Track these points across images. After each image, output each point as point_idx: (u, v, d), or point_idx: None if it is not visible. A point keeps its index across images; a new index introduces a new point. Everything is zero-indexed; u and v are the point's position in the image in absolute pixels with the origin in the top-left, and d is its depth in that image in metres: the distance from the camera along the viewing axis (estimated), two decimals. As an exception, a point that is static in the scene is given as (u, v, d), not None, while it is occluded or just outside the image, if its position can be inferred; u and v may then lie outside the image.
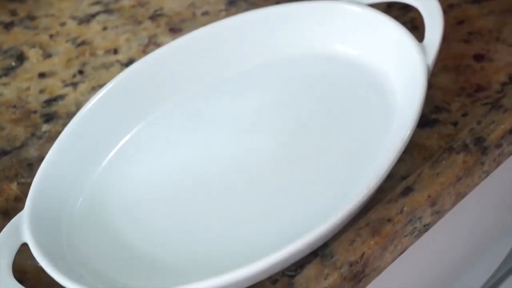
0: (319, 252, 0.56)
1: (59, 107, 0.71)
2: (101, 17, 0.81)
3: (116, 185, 0.64)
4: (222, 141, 0.65)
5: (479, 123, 0.62)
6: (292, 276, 0.55)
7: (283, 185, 0.61)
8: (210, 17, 0.78)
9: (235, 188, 0.61)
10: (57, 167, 0.61)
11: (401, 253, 0.59)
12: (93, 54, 0.76)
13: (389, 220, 0.57)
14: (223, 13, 0.78)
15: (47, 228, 0.58)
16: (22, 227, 0.56)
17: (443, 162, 0.60)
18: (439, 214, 0.61)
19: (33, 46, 0.79)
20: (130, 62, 0.73)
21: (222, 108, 0.68)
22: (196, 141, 0.66)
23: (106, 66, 0.75)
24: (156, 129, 0.67)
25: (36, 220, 0.57)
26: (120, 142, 0.66)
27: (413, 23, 0.71)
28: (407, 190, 0.59)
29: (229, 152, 0.64)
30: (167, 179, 0.63)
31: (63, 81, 0.74)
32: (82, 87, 0.73)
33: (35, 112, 0.71)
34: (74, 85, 0.73)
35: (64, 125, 0.63)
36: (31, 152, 0.68)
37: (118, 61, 0.75)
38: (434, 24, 0.63)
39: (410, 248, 0.60)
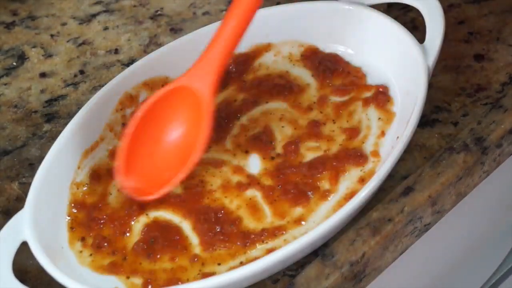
0: (320, 252, 0.56)
1: (60, 107, 0.72)
2: (102, 17, 0.81)
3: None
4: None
5: (479, 123, 0.62)
6: (293, 276, 0.55)
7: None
8: (210, 17, 0.78)
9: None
10: (58, 166, 0.61)
11: (401, 253, 0.60)
12: (94, 54, 0.76)
13: (389, 220, 0.57)
14: (224, 13, 0.78)
15: (47, 226, 0.58)
16: (22, 225, 0.57)
17: (444, 162, 0.60)
18: (439, 214, 0.61)
19: (34, 46, 0.79)
20: (131, 62, 0.73)
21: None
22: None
23: (107, 66, 0.75)
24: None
25: (36, 219, 0.57)
26: (120, 141, 0.66)
27: (413, 23, 0.71)
28: (408, 190, 0.59)
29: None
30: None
31: (64, 81, 0.74)
32: (83, 87, 0.73)
33: (36, 112, 0.71)
34: (75, 85, 0.73)
35: (65, 125, 0.63)
36: (32, 152, 0.68)
37: (119, 61, 0.75)
38: (435, 25, 0.63)
39: (410, 248, 0.60)
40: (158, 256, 0.58)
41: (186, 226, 0.59)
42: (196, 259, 0.57)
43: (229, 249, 0.57)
